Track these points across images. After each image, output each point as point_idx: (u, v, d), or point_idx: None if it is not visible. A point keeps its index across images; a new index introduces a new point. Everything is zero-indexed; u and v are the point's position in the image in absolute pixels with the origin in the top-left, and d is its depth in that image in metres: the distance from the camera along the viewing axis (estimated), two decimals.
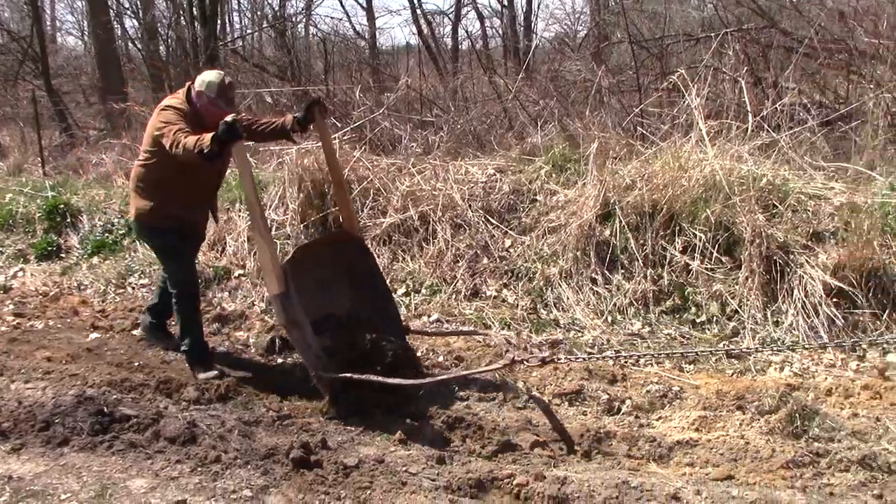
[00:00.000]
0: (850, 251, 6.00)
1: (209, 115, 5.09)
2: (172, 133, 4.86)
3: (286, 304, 4.76)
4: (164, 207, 5.25)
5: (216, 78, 5.14)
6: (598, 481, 3.92)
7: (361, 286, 5.48)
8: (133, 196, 5.42)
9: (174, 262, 5.47)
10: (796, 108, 8.68)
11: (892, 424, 4.52)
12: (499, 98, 10.74)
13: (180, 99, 5.18)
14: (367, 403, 4.78)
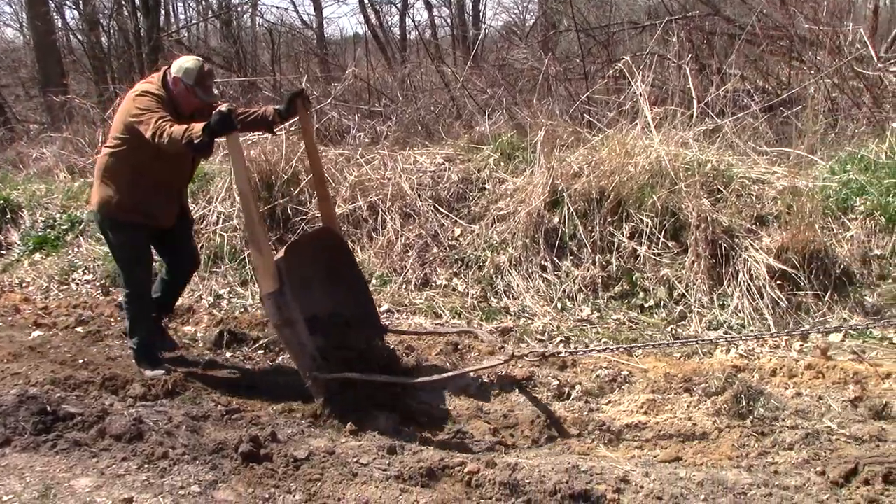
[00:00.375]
0: (793, 234, 6.11)
1: (185, 103, 4.90)
2: (154, 121, 4.62)
3: (280, 302, 4.58)
4: (132, 199, 4.99)
5: (194, 65, 4.91)
6: (549, 466, 3.95)
7: (342, 284, 5.35)
8: (97, 185, 5.13)
9: (131, 261, 5.23)
10: (740, 94, 8.83)
11: (834, 403, 4.62)
12: (447, 87, 10.72)
13: (156, 84, 4.92)
14: (360, 403, 4.68)
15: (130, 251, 5.22)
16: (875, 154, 7.06)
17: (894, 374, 4.92)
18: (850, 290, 6.03)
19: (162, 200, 5.13)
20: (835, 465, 3.85)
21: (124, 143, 4.95)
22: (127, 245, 5.20)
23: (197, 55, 14.77)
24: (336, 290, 5.29)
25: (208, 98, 4.97)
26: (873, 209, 6.42)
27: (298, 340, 4.63)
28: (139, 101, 4.82)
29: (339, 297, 5.28)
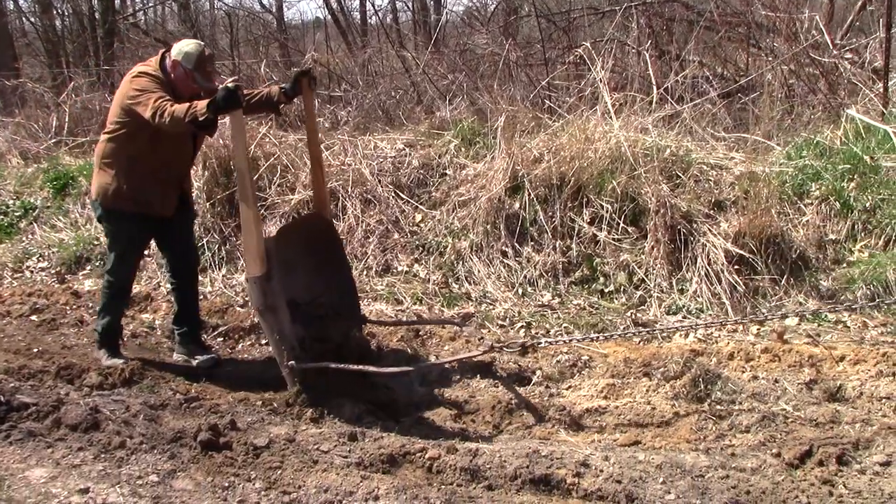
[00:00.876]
0: (750, 219, 6.18)
1: (183, 88, 4.78)
2: (153, 101, 4.52)
3: (266, 287, 4.51)
4: (129, 186, 4.87)
5: (195, 49, 4.78)
6: (510, 451, 3.96)
7: (326, 272, 5.26)
8: (97, 173, 5.01)
9: (122, 252, 5.10)
10: (698, 80, 8.90)
11: (790, 386, 4.70)
12: (407, 72, 10.66)
13: (153, 66, 4.81)
14: (335, 392, 4.61)
15: (124, 242, 5.09)
16: (830, 140, 7.15)
17: (848, 356, 5.01)
18: (805, 275, 6.12)
19: (160, 188, 4.98)
20: (790, 447, 3.91)
21: (122, 127, 4.84)
22: (121, 234, 5.07)
23: (154, 38, 14.62)
24: (320, 279, 5.19)
25: (207, 83, 4.83)
26: (828, 194, 6.52)
27: (280, 328, 4.55)
28: (136, 82, 4.72)
29: (321, 285, 5.17)
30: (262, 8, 18.30)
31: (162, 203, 5.02)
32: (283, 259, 4.75)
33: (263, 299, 4.54)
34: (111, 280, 5.15)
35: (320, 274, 5.20)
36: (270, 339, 4.69)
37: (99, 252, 7.24)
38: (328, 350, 4.74)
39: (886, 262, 5.95)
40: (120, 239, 5.09)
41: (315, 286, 5.11)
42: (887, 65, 8.00)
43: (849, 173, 6.64)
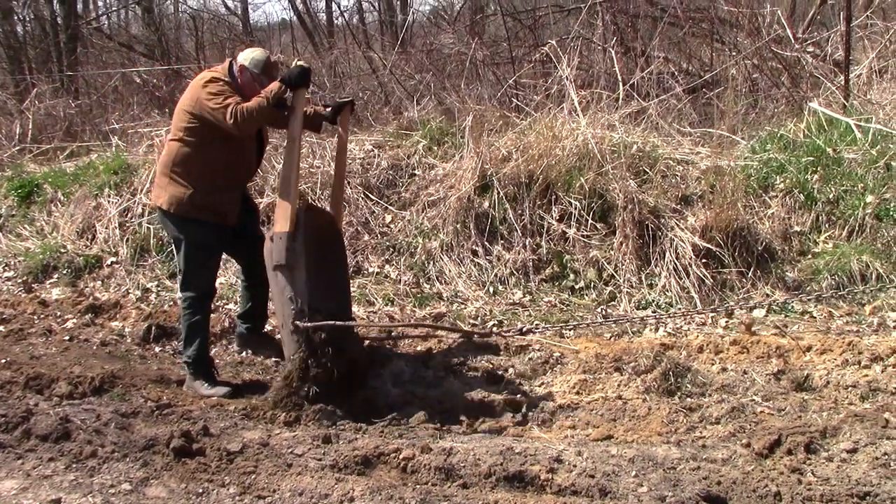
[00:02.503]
0: (716, 213, 6.26)
1: (250, 93, 4.77)
2: (231, 105, 4.60)
3: (291, 244, 4.54)
4: (205, 195, 4.80)
5: (262, 55, 4.90)
6: (483, 449, 3.98)
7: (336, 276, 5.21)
8: (166, 182, 4.88)
9: (199, 262, 4.95)
10: (664, 76, 8.98)
11: (759, 377, 4.76)
12: (375, 73, 10.65)
13: (222, 72, 4.86)
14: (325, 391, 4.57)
15: (201, 251, 4.94)
16: (793, 133, 7.26)
17: (815, 346, 5.09)
18: (771, 266, 6.21)
19: (232, 196, 4.96)
20: (759, 437, 3.96)
21: (192, 133, 4.79)
22: (198, 244, 4.92)
23: (118, 42, 14.48)
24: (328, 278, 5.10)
25: None
26: (792, 187, 6.62)
27: (294, 287, 4.56)
28: (210, 86, 4.73)
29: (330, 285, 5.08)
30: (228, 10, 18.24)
31: (234, 211, 4.99)
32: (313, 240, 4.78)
33: (286, 255, 4.55)
34: (191, 295, 4.96)
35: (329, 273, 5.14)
36: (280, 298, 4.65)
37: (66, 260, 7.17)
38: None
39: (850, 253, 6.06)
40: (198, 247, 4.93)
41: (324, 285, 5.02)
42: (848, 58, 8.13)
43: (812, 166, 6.75)
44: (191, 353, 4.97)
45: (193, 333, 4.98)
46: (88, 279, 6.97)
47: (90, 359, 5.33)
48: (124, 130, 9.01)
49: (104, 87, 11.41)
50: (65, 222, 7.73)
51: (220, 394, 4.84)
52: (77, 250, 7.29)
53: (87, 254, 7.23)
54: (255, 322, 5.49)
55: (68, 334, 5.87)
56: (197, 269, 4.95)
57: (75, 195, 7.85)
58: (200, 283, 4.98)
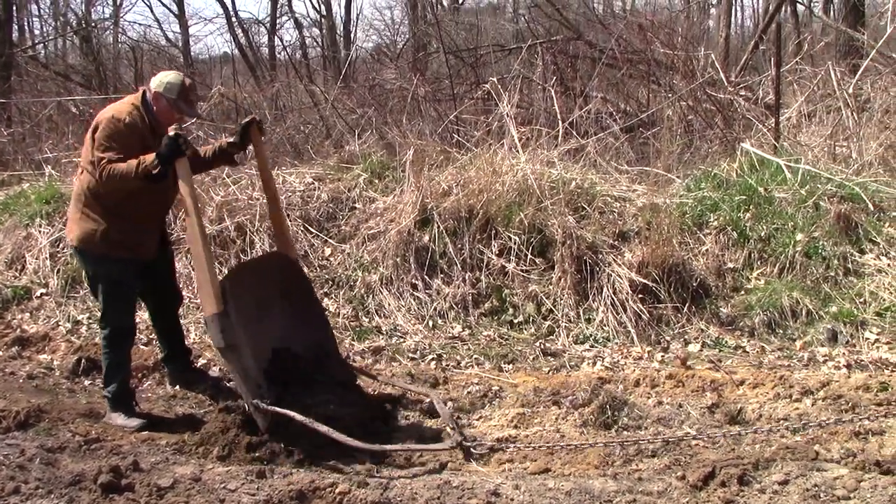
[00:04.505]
0: (653, 249, 6.36)
1: (166, 119, 4.62)
2: (105, 161, 4.42)
3: (224, 324, 4.32)
4: (117, 231, 4.63)
5: (176, 78, 4.65)
6: (421, 483, 3.95)
7: (297, 313, 5.07)
8: (77, 217, 4.73)
9: (116, 297, 4.77)
10: (602, 115, 9.16)
11: (693, 410, 4.82)
12: (316, 107, 10.66)
13: (128, 107, 4.62)
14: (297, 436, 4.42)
15: (118, 286, 4.76)
16: (727, 172, 7.45)
17: (748, 380, 5.18)
18: (706, 302, 6.31)
19: (146, 229, 4.78)
20: (694, 470, 4.00)
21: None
22: (112, 279, 4.75)
23: (53, 71, 14.26)
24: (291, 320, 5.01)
25: (192, 112, 4.77)
26: (726, 224, 6.77)
27: (242, 366, 4.39)
28: (103, 128, 4.54)
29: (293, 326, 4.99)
30: (168, 42, 18.12)
31: (150, 245, 4.85)
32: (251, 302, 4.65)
33: (223, 337, 4.36)
34: (110, 330, 4.81)
35: (290, 315, 5.03)
36: (234, 378, 4.52)
37: None
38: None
39: (781, 289, 6.19)
40: (112, 282, 4.76)
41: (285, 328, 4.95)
42: (778, 101, 8.40)
43: (745, 204, 6.92)
44: (111, 389, 4.84)
45: (115, 370, 4.85)
46: (16, 311, 6.76)
47: (16, 392, 5.16)
48: (58, 160, 8.83)
49: (38, 115, 11.19)
50: None
51: (133, 426, 4.71)
52: (5, 281, 7.07)
53: (15, 285, 7.02)
54: (181, 360, 5.40)
55: None
56: (114, 304, 4.79)
57: (5, 224, 7.65)
58: (119, 318, 4.82)
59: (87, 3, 19.94)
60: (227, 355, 4.44)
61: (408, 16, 21.06)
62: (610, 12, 15.38)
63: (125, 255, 4.71)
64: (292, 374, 4.77)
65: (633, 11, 15.22)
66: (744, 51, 12.41)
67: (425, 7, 20.60)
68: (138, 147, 4.53)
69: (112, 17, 20.03)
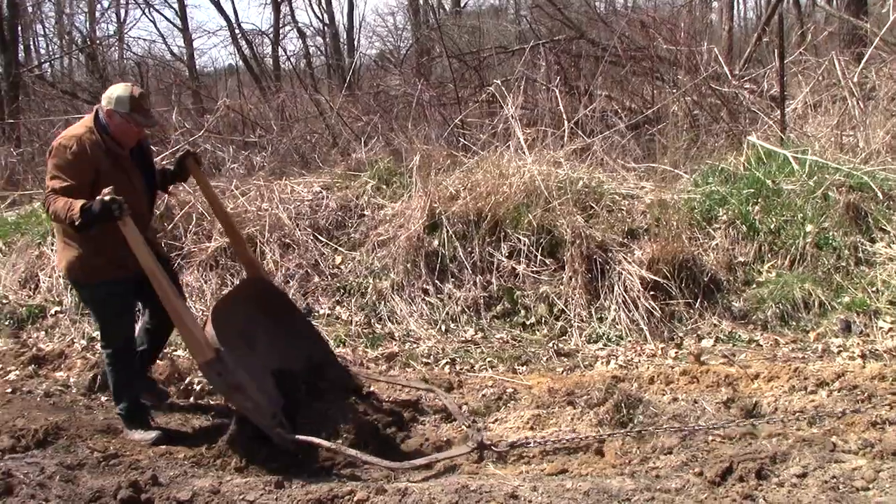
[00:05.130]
0: (662, 245, 6.35)
1: (126, 136, 4.53)
2: (49, 193, 4.36)
3: (221, 368, 4.30)
4: (100, 255, 4.55)
5: (124, 91, 4.48)
6: (439, 488, 3.95)
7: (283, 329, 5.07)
8: (61, 246, 4.70)
9: (111, 317, 4.75)
10: (607, 113, 9.17)
11: (709, 405, 4.81)
12: (322, 116, 10.69)
13: (85, 127, 4.51)
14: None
15: (110, 306, 4.74)
16: (734, 166, 7.44)
17: (762, 374, 5.18)
18: (718, 297, 6.31)
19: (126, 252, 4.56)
20: (711, 465, 4.00)
21: None
22: (105, 301, 4.73)
23: (60, 90, 14.36)
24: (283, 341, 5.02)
25: (149, 121, 4.69)
26: (735, 218, 6.76)
27: (252, 403, 4.38)
28: (55, 157, 4.45)
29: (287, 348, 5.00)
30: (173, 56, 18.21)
31: (134, 260, 4.66)
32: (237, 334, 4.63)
33: (223, 381, 4.36)
34: (112, 350, 4.78)
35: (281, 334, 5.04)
36: (248, 416, 4.46)
37: (8, 311, 7.01)
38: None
39: (793, 281, 6.18)
40: (106, 304, 4.74)
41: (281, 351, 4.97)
42: (783, 92, 8.38)
43: (753, 197, 6.91)
44: (123, 406, 4.85)
45: (122, 387, 4.85)
46: (32, 329, 6.81)
47: (33, 411, 5.18)
48: None
49: (47, 134, 11.26)
50: (6, 272, 7.56)
51: (149, 438, 4.72)
52: (19, 300, 7.13)
53: (29, 304, 7.07)
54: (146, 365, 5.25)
55: (10, 386, 5.70)
56: (111, 324, 4.78)
57: (17, 244, 7.70)
58: (118, 336, 4.80)
59: (91, 21, 20.11)
60: (234, 397, 4.44)
61: (410, 21, 21.12)
62: (612, 10, 15.37)
63: (109, 278, 4.63)
64: (297, 390, 4.80)
65: (634, 8, 15.27)
66: (747, 43, 12.38)
67: (427, 12, 20.66)
68: (90, 173, 4.43)
69: (116, 34, 20.15)
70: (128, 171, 4.62)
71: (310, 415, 4.62)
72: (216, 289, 6.90)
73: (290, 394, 4.79)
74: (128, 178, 4.60)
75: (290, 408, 4.66)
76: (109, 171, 4.49)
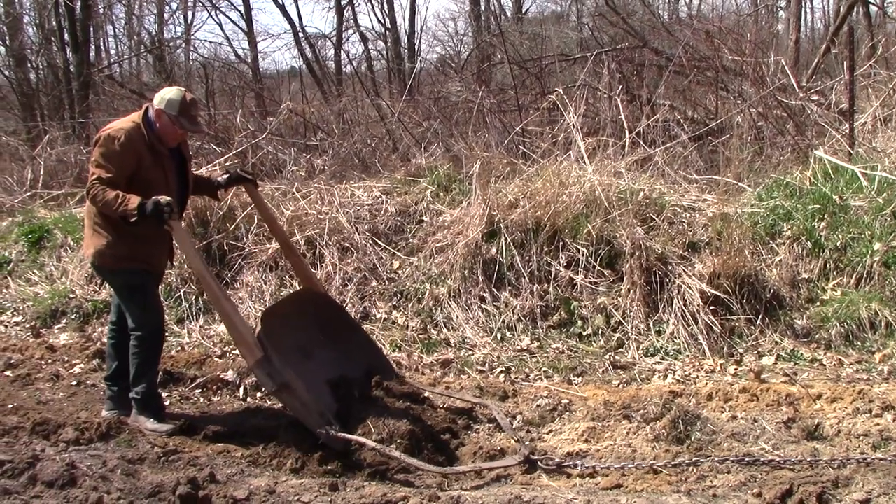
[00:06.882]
0: (724, 260, 6.26)
1: (170, 136, 4.73)
2: (95, 182, 4.51)
3: (269, 369, 4.45)
4: (127, 245, 4.70)
5: (177, 95, 4.69)
6: (492, 498, 3.94)
7: (341, 345, 5.17)
8: (90, 233, 4.82)
9: (139, 303, 4.84)
10: (669, 123, 9.06)
11: (769, 425, 4.72)
12: (383, 120, 10.76)
13: (132, 122, 4.70)
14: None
15: (137, 293, 4.88)
16: (799, 181, 7.29)
17: (825, 394, 5.06)
18: (780, 314, 6.20)
19: (154, 243, 4.83)
20: (770, 487, 3.92)
21: None
22: (131, 288, 4.87)
23: (129, 89, 14.68)
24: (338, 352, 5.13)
25: (194, 127, 4.86)
26: (800, 234, 6.63)
27: (300, 402, 4.51)
28: (100, 146, 4.63)
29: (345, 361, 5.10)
30: (238, 58, 18.50)
31: (160, 259, 4.98)
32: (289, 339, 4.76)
33: (272, 381, 4.49)
34: (141, 334, 4.86)
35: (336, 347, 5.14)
36: (296, 415, 4.60)
37: (74, 305, 7.20)
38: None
39: (859, 300, 6.04)
40: (133, 289, 4.88)
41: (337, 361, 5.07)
42: (852, 106, 8.19)
43: (819, 213, 6.77)
44: (140, 389, 4.92)
45: (144, 371, 4.93)
46: (96, 324, 6.98)
47: (97, 404, 5.31)
48: None
49: None
50: (74, 268, 7.78)
51: (163, 430, 4.81)
52: (85, 296, 7.31)
53: (95, 299, 7.25)
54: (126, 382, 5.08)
55: (76, 379, 5.87)
56: (138, 310, 4.88)
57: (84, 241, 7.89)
58: (146, 321, 4.89)
59: (159, 22, 20.55)
60: (282, 396, 4.57)
61: (471, 27, 21.11)
62: (675, 18, 15.22)
63: (137, 267, 4.81)
64: (351, 398, 4.87)
65: (699, 17, 15.06)
66: (815, 54, 12.13)
67: (489, 17, 20.67)
68: (133, 166, 4.62)
69: (183, 36, 20.61)
70: (166, 169, 4.80)
71: (364, 419, 4.66)
72: (275, 289, 6.99)
73: (344, 399, 4.85)
74: (164, 176, 4.78)
75: (344, 412, 4.73)
76: (150, 166, 4.68)
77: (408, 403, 4.97)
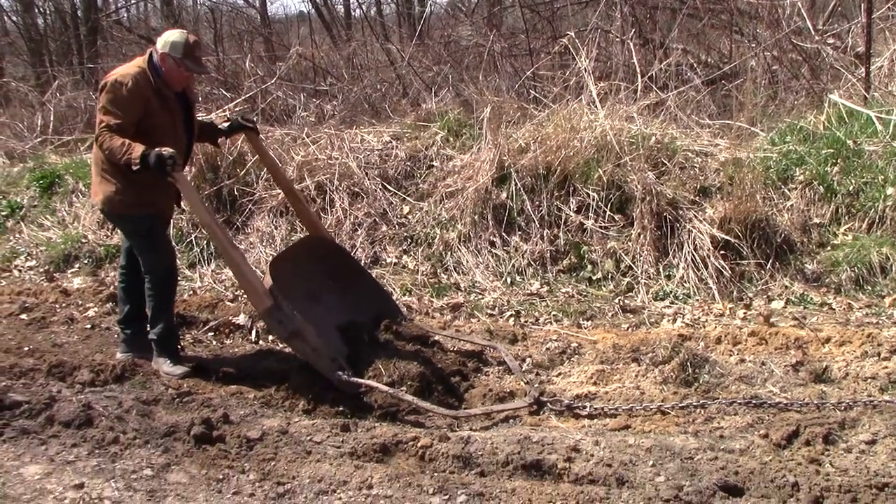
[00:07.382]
0: (735, 205, 6.23)
1: (176, 79, 4.72)
2: (104, 128, 4.55)
3: (280, 316, 4.51)
4: (134, 191, 4.73)
5: (180, 37, 4.67)
6: (501, 438, 4.00)
7: (350, 290, 5.24)
8: (97, 179, 4.86)
9: (149, 247, 4.93)
10: (682, 67, 8.94)
11: (777, 368, 4.75)
12: (392, 65, 10.66)
13: (133, 71, 4.66)
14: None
15: (146, 238, 4.94)
16: (813, 125, 7.20)
17: (834, 338, 5.07)
18: (790, 258, 6.19)
19: (160, 189, 4.80)
20: (777, 428, 3.96)
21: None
22: (141, 233, 4.94)
23: (137, 34, 14.57)
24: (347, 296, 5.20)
25: (199, 69, 4.89)
26: (812, 179, 6.58)
27: (311, 347, 4.56)
28: (109, 92, 4.62)
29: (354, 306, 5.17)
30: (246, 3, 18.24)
31: (168, 204, 5.02)
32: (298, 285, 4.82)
33: (283, 328, 4.56)
34: (154, 275, 4.94)
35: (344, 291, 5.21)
36: (309, 361, 4.64)
37: (87, 250, 7.25)
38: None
39: (870, 245, 6.03)
40: (143, 234, 4.94)
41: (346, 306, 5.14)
42: (868, 49, 8.06)
43: (832, 158, 6.71)
44: (157, 331, 5.00)
45: (160, 312, 5.00)
46: (109, 269, 7.03)
47: (111, 347, 5.38)
48: None
49: None
50: (86, 213, 7.82)
51: (178, 372, 4.89)
52: (98, 240, 7.35)
53: (107, 244, 7.30)
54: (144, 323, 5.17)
55: (90, 323, 5.93)
56: (150, 252, 4.94)
57: None
58: (158, 264, 4.95)
59: None
60: (294, 343, 4.62)
61: None
62: None
63: (146, 212, 4.85)
64: (361, 342, 4.95)
65: None
66: None
67: None
68: (140, 110, 4.64)
69: None
70: (172, 113, 4.82)
71: (374, 363, 4.71)
72: (286, 234, 7.02)
73: (354, 343, 4.90)
74: (171, 120, 4.81)
75: (354, 356, 4.78)
76: (157, 110, 4.70)
77: (417, 346, 5.03)
